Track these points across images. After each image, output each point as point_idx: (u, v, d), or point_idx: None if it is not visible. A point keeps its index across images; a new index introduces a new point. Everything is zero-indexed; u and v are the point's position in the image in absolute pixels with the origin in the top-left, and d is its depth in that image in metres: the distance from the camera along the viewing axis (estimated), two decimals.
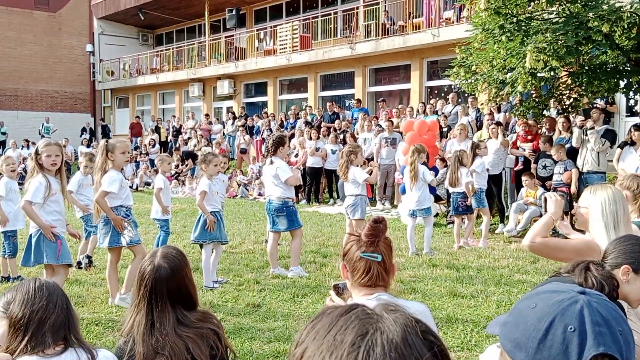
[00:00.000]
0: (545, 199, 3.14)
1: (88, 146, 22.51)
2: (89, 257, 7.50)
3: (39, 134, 24.87)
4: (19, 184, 7.49)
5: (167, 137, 22.02)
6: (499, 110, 12.58)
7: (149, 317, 2.38)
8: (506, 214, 10.19)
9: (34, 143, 21.44)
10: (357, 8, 18.19)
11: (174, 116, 24.27)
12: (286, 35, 19.80)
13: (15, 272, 6.94)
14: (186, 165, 18.37)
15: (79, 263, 7.44)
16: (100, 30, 29.48)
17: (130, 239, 5.73)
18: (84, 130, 26.47)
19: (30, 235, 5.23)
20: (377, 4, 17.37)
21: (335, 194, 14.56)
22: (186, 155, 18.76)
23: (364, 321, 0.85)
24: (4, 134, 25.18)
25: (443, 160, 11.44)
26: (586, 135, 9.26)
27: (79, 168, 7.98)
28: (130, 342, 2.39)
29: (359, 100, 16.95)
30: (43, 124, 25.66)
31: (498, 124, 10.75)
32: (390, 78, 18.74)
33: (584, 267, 1.92)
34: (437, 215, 10.70)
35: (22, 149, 21.96)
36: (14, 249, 6.83)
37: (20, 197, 6.82)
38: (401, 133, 13.20)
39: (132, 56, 28.15)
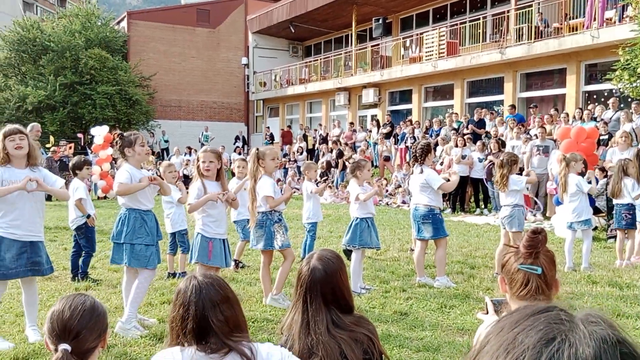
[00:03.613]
0: None
1: (239, 154, 23.91)
2: (234, 261, 7.93)
3: (199, 142, 26.96)
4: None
5: (314, 145, 22.76)
6: None
7: (304, 316, 2.47)
8: None
9: (195, 150, 23.25)
10: (508, 11, 17.56)
11: (320, 125, 25.04)
12: (432, 42, 19.62)
13: (183, 267, 7.57)
14: (332, 173, 18.81)
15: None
16: (255, 44, 31.28)
17: (282, 243, 6.02)
18: (237, 138, 28.20)
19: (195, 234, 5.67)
20: (530, 6, 16.64)
21: (481, 204, 14.15)
22: (329, 165, 19.21)
23: (553, 326, 0.75)
24: (166, 141, 27.64)
25: (603, 170, 10.66)
26: None
27: (232, 174, 8.50)
28: (290, 340, 2.50)
29: (513, 106, 16.21)
30: (202, 133, 27.80)
31: None
32: (543, 83, 17.84)
33: None
34: (596, 228, 9.99)
35: (184, 155, 23.86)
36: (188, 246, 7.37)
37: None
38: (555, 140, 12.52)
39: (283, 67, 29.49)
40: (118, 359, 4.47)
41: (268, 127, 28.28)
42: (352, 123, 22.73)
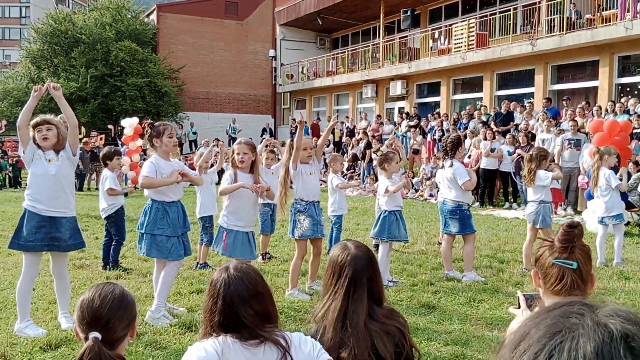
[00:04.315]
0: None
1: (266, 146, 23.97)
2: (262, 254, 7.96)
3: (227, 133, 27.10)
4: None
5: (340, 137, 22.70)
6: None
7: (343, 304, 2.38)
8: None
9: (223, 142, 23.35)
10: (539, 2, 17.24)
11: (347, 117, 24.95)
12: (462, 34, 19.38)
13: (204, 259, 7.59)
14: (357, 166, 18.77)
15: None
16: (282, 36, 31.31)
17: (302, 233, 6.05)
18: (264, 130, 28.27)
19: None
20: None
21: (510, 198, 13.99)
22: (355, 157, 19.16)
23: (562, 320, 0.76)
24: (194, 133, 27.87)
25: (637, 164, 10.45)
26: None
27: None
28: (321, 329, 2.41)
29: (548, 100, 15.90)
30: (230, 125, 27.94)
31: None
32: (575, 75, 17.51)
33: None
34: (628, 223, 9.79)
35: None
36: (211, 238, 7.40)
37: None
38: (586, 134, 12.30)
39: (310, 59, 29.46)
40: (148, 347, 4.54)
41: (294, 119, 28.24)
42: (379, 116, 22.61)
